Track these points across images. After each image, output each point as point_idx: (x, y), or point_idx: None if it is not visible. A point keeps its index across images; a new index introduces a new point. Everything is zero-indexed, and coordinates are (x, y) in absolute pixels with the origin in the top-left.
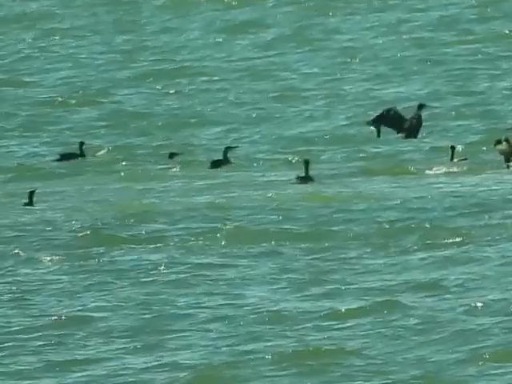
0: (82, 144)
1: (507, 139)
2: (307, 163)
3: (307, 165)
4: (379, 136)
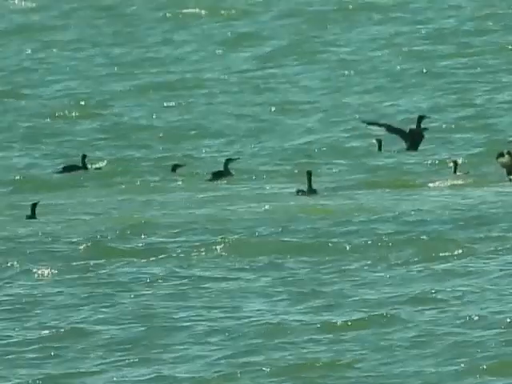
0: (85, 157)
1: (509, 152)
2: (310, 175)
3: (310, 176)
4: (380, 150)
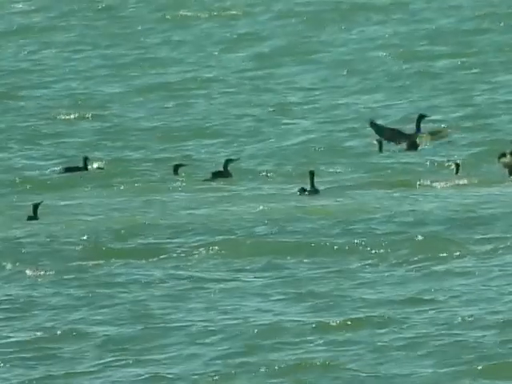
0: (87, 158)
1: None
2: (312, 175)
3: (312, 176)
4: (381, 151)
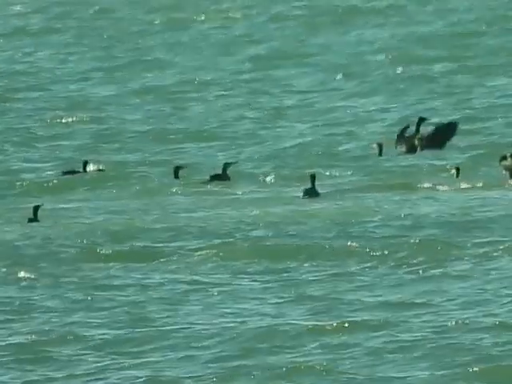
0: (86, 162)
1: None
2: (313, 178)
3: (313, 179)
4: (381, 154)
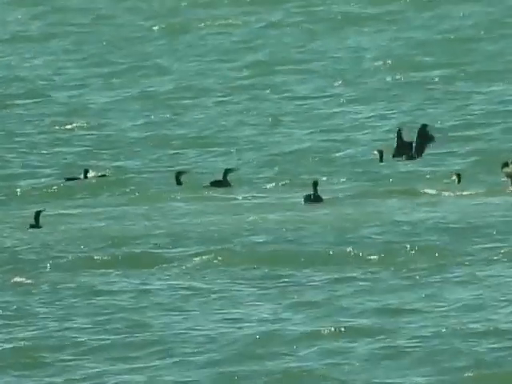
0: (87, 171)
1: None
2: (316, 184)
3: (316, 186)
4: (382, 161)
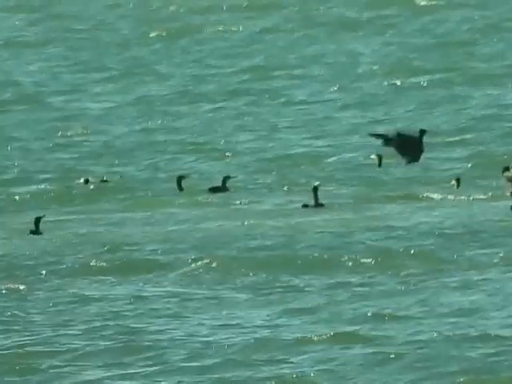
0: (87, 181)
1: None
2: (316, 190)
3: (316, 192)
4: (380, 166)
